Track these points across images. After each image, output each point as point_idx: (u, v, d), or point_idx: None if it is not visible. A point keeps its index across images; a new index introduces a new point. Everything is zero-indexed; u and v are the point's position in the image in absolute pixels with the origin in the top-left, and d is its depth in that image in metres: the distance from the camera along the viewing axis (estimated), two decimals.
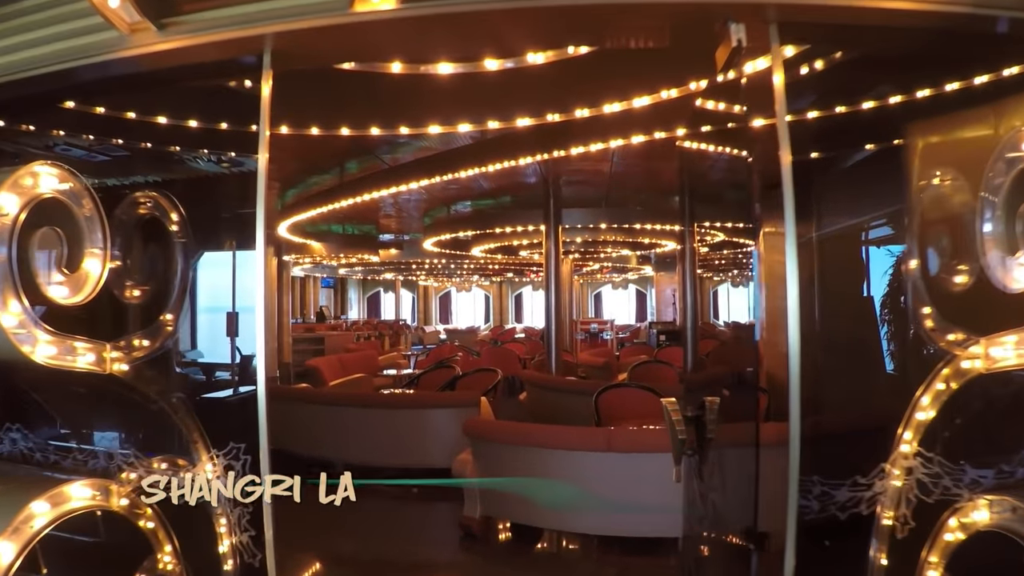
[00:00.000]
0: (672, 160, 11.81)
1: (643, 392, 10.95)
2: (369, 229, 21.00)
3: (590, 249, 21.20)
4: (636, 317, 45.43)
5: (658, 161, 12.08)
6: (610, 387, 11.02)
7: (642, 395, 10.90)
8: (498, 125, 6.91)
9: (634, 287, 46.89)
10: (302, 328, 30.29)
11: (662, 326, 28.40)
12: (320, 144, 10.29)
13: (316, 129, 7.58)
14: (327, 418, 11.33)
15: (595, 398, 10.64)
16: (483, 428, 7.90)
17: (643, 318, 43.50)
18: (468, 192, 14.95)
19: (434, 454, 10.45)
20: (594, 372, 17.59)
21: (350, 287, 48.09)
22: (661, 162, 12.08)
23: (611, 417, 10.49)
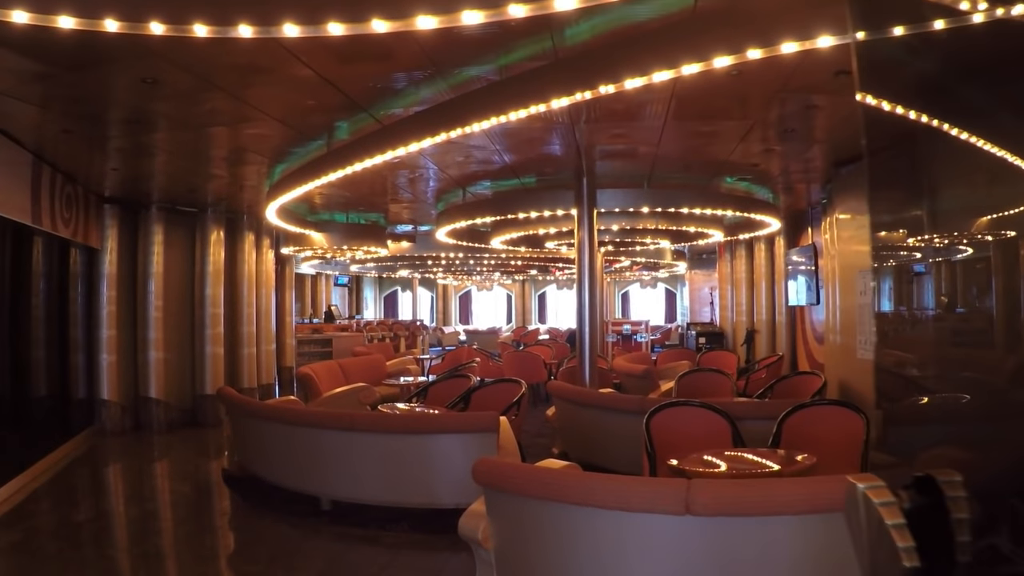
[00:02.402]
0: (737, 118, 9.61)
1: (705, 411, 8.71)
2: (377, 218, 18.83)
3: (626, 239, 18.74)
4: (665, 317, 43.51)
5: (720, 120, 9.88)
6: (665, 406, 8.69)
7: (705, 416, 8.69)
8: (525, 10, 4.52)
9: (663, 286, 44.97)
10: (308, 329, 28.30)
11: (701, 327, 26.21)
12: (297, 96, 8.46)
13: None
14: (309, 443, 9.27)
15: (647, 420, 8.38)
16: (500, 475, 5.50)
17: (672, 319, 41.75)
18: (485, 170, 12.69)
19: (439, 491, 8.54)
20: (632, 382, 15.33)
21: (366, 286, 46.88)
22: (724, 121, 9.92)
23: (667, 443, 8.28)
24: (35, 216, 11.22)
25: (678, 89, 8.08)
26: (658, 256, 26.27)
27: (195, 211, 16.25)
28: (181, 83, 7.90)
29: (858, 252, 12.07)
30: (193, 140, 10.68)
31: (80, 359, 15.18)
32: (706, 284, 29.71)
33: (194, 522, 9.63)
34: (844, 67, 7.37)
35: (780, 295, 20.93)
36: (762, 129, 10.24)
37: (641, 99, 8.63)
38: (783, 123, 10.00)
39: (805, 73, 7.63)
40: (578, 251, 12.44)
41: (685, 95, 8.40)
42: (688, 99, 8.62)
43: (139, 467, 12.97)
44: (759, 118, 9.70)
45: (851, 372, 12.28)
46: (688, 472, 7.20)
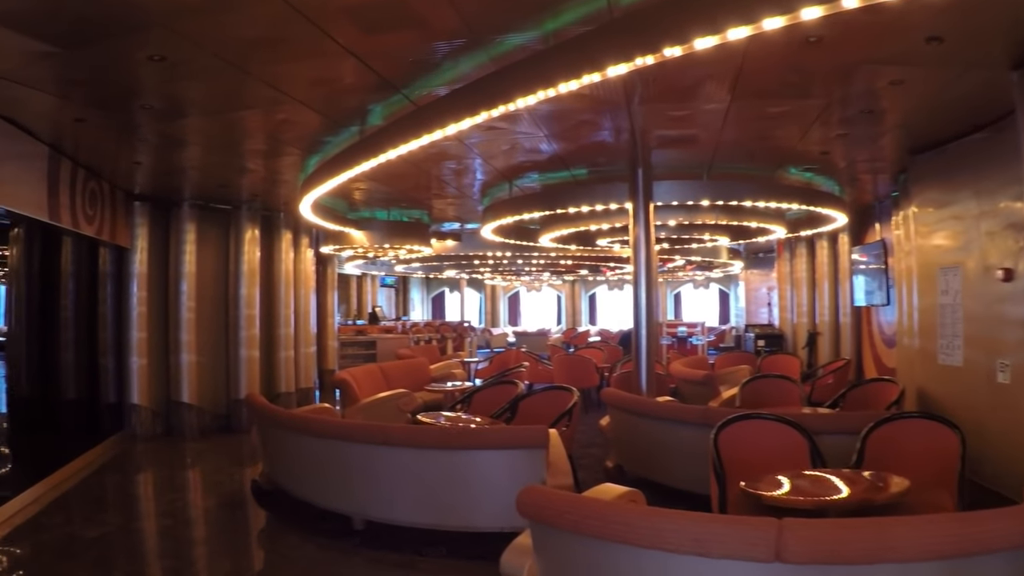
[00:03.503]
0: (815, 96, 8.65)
1: (780, 425, 7.85)
2: (420, 215, 18.07)
3: (683, 236, 17.76)
4: (719, 319, 42.58)
5: (791, 99, 8.90)
6: (735, 419, 7.79)
7: (779, 430, 7.84)
8: None
9: (716, 286, 44.00)
10: (351, 330, 27.62)
11: (760, 330, 25.23)
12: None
13: None
14: (340, 457, 8.48)
15: (715, 435, 7.49)
16: (550, 508, 4.62)
17: (725, 320, 40.87)
18: (533, 160, 11.83)
19: (482, 513, 7.71)
20: (691, 388, 14.43)
21: (412, 286, 46.46)
22: (796, 100, 8.92)
23: (737, 461, 7.39)
24: (52, 212, 10.55)
25: (748, 61, 7.17)
26: (713, 255, 25.23)
27: (229, 208, 15.61)
28: (191, 60, 7.13)
29: (939, 248, 11.06)
30: (219, 130, 9.96)
31: (110, 362, 14.71)
32: (763, 284, 28.81)
33: (218, 540, 8.89)
34: (937, 32, 6.46)
35: (844, 295, 20.00)
36: (837, 110, 9.25)
37: (705, 74, 7.74)
38: (860, 103, 9.00)
39: (893, 39, 6.71)
40: (633, 248, 11.52)
41: (755, 69, 7.48)
42: (757, 73, 7.69)
43: (167, 475, 12.29)
44: (835, 97, 8.72)
45: (931, 380, 11.27)
46: (763, 496, 6.35)
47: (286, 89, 8.09)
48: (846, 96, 8.71)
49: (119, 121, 9.45)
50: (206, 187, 14.01)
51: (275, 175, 12.81)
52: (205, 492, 11.25)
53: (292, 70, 7.57)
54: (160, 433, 14.54)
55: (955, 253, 10.57)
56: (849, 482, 6.72)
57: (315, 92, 8.29)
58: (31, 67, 7.26)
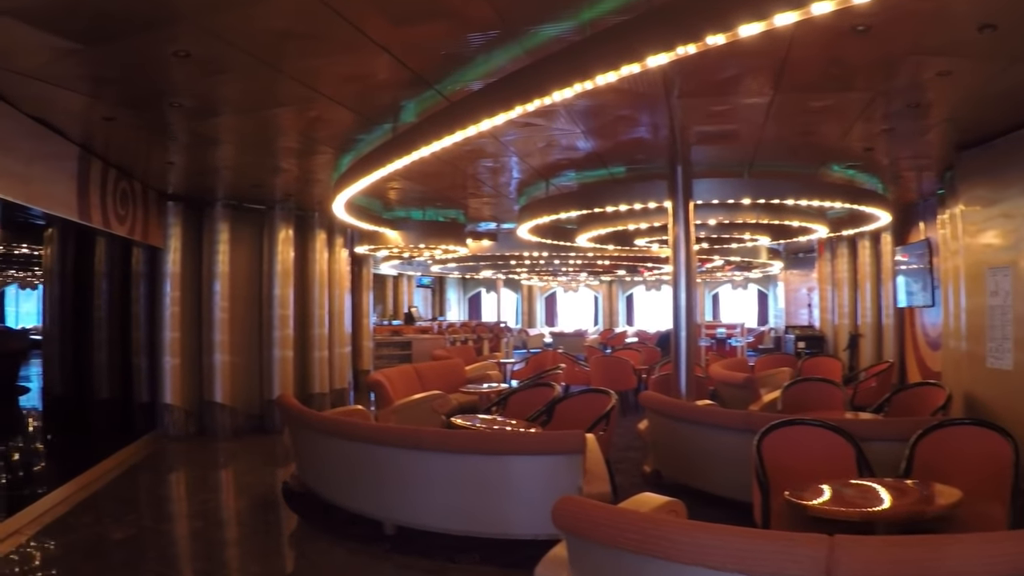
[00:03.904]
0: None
1: (825, 431, 7.58)
2: (456, 215, 17.88)
3: (722, 235, 17.44)
4: (757, 320, 42.15)
5: (837, 93, 8.60)
6: (778, 425, 7.53)
7: (824, 436, 7.57)
8: None
9: (754, 287, 43.58)
10: (387, 331, 27.47)
11: (800, 331, 24.86)
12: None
13: None
14: (371, 461, 8.30)
15: (758, 441, 7.24)
16: (587, 520, 4.39)
17: (764, 321, 40.46)
18: (570, 158, 11.60)
19: (516, 520, 7.49)
20: (730, 392, 14.14)
21: (449, 287, 46.38)
22: (842, 93, 8.62)
23: (781, 469, 7.15)
24: (82, 212, 10.47)
25: (793, 51, 6.90)
26: (753, 255, 24.91)
27: (262, 208, 15.47)
28: (218, 56, 6.98)
29: (988, 247, 10.71)
30: (252, 128, 9.80)
31: (143, 361, 14.75)
32: (803, 284, 28.43)
33: (248, 542, 8.71)
34: (991, 19, 6.18)
35: (887, 296, 19.66)
36: (882, 104, 8.94)
37: (747, 66, 7.49)
38: (906, 96, 8.68)
39: (943, 26, 6.43)
40: (673, 247, 11.25)
41: (799, 60, 7.20)
42: (802, 65, 7.41)
43: (199, 476, 12.18)
44: (880, 90, 8.41)
45: (980, 384, 10.92)
46: (808, 507, 6.10)
47: (318, 86, 7.92)
48: (892, 89, 8.40)
49: (149, 120, 9.32)
50: (239, 187, 13.89)
51: (308, 174, 12.64)
52: (236, 493, 11.11)
53: (323, 66, 7.38)
54: (193, 433, 14.45)
55: (1005, 252, 10.23)
56: (898, 493, 6.45)
57: (347, 89, 8.10)
58: (57, 65, 7.13)
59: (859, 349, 21.10)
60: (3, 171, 8.29)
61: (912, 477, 7.07)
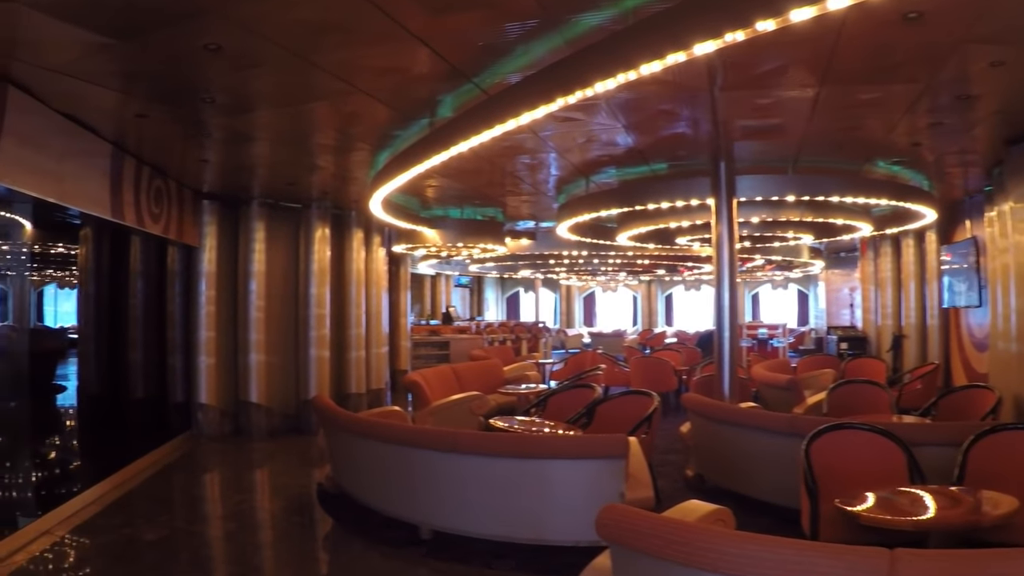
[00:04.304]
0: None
1: (874, 436, 7.35)
2: (494, 213, 17.69)
3: (765, 234, 17.11)
4: (798, 320, 41.74)
5: (886, 84, 8.31)
6: (827, 429, 7.29)
7: (873, 441, 7.33)
8: None
9: (794, 286, 43.14)
10: (425, 331, 27.35)
11: (843, 332, 24.48)
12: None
13: None
14: (406, 464, 8.09)
15: (807, 446, 7.00)
16: (633, 530, 4.16)
17: (804, 321, 40.04)
18: (610, 154, 11.37)
19: (555, 525, 7.27)
20: (773, 394, 13.84)
21: (487, 286, 46.26)
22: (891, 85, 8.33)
23: (829, 475, 6.92)
24: (115, 210, 10.36)
25: (842, 40, 6.64)
26: (794, 254, 24.46)
27: (299, 207, 15.36)
28: (250, 49, 6.82)
29: None
30: (286, 124, 9.64)
31: (178, 361, 14.64)
32: (845, 284, 28.04)
33: (281, 545, 8.55)
34: None
35: (932, 296, 19.31)
36: (931, 96, 8.62)
37: (795, 56, 7.23)
38: (956, 88, 8.38)
39: (999, 12, 6.17)
40: (716, 246, 11.01)
41: (848, 50, 6.94)
42: (851, 55, 7.14)
43: (233, 476, 12.11)
44: (930, 81, 8.10)
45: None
46: (860, 516, 5.87)
47: (353, 80, 7.73)
48: (942, 80, 8.07)
49: (182, 116, 9.19)
50: (275, 185, 13.77)
51: (345, 172, 12.50)
52: (270, 495, 10.98)
53: (358, 58, 7.18)
54: (228, 433, 14.37)
55: None
56: (952, 501, 6.22)
57: (383, 82, 7.90)
58: (87, 60, 7.01)
59: (903, 350, 20.74)
60: (34, 168, 8.18)
61: (965, 484, 6.82)
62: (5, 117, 7.46)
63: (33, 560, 7.60)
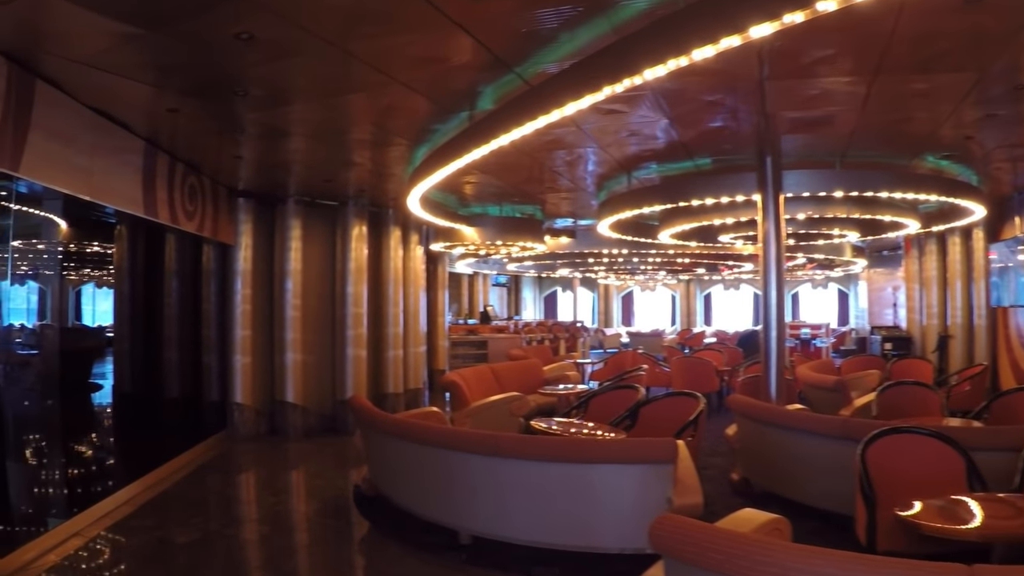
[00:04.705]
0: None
1: (931, 440, 7.08)
2: (533, 211, 17.46)
3: (811, 231, 16.65)
4: (838, 320, 41.19)
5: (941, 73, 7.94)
6: (884, 433, 6.99)
7: (930, 446, 7.06)
8: None
9: (835, 286, 42.58)
10: (462, 330, 27.15)
11: (887, 332, 24.05)
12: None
13: None
14: (446, 467, 7.86)
15: (862, 449, 6.71)
16: (689, 542, 3.89)
17: (844, 321, 39.49)
18: (653, 149, 11.09)
19: (600, 531, 6.99)
20: (819, 395, 13.52)
21: (524, 285, 46.03)
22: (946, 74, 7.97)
23: (886, 481, 6.65)
24: (148, 207, 10.20)
25: (901, 24, 6.33)
26: (836, 252, 23.99)
27: (335, 204, 15.19)
28: (283, 38, 6.61)
29: None
30: (322, 118, 9.41)
31: (213, 360, 14.54)
32: (888, 283, 27.61)
33: (316, 549, 8.36)
34: None
35: (979, 295, 18.88)
36: (987, 86, 8.27)
37: (850, 43, 6.94)
38: (1014, 77, 8.03)
39: None
40: (763, 243, 10.68)
41: (906, 34, 6.62)
42: (908, 40, 6.82)
43: (268, 477, 11.93)
44: (987, 70, 7.76)
45: None
46: (921, 526, 5.59)
47: (390, 70, 7.50)
48: (998, 69, 7.76)
49: (215, 111, 9.03)
50: (311, 182, 13.59)
51: (382, 168, 12.29)
52: (306, 496, 10.79)
53: (396, 47, 6.94)
54: (263, 433, 14.24)
55: None
56: (1015, 510, 5.91)
57: (421, 73, 7.65)
58: (116, 52, 6.86)
59: (948, 351, 20.31)
60: (63, 163, 8.03)
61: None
62: (33, 111, 7.31)
63: (65, 560, 7.50)
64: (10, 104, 6.94)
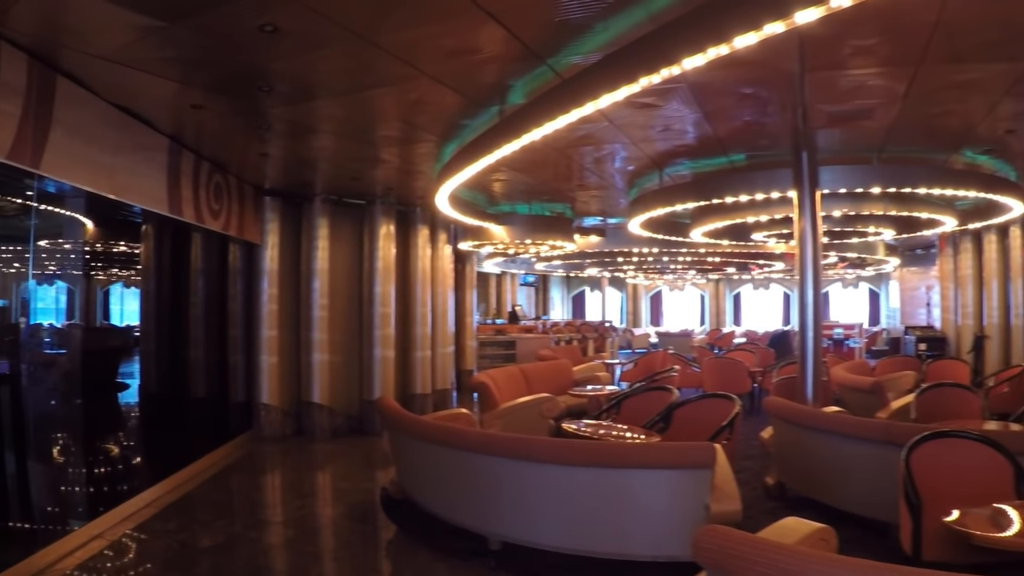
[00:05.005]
0: None
1: (977, 445, 6.83)
2: (563, 209, 17.23)
3: (846, 228, 16.27)
4: (868, 319, 40.70)
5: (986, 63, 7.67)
6: (929, 437, 6.74)
7: (976, 451, 6.79)
8: None
9: (865, 285, 42.10)
10: (491, 330, 26.93)
11: (921, 332, 23.69)
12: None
13: None
14: (475, 471, 7.63)
15: (907, 454, 6.46)
16: (735, 555, 3.64)
17: (875, 321, 39.01)
18: (687, 144, 10.86)
19: (634, 538, 6.76)
20: (855, 397, 13.22)
21: (552, 285, 45.85)
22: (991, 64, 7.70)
23: (931, 488, 6.41)
24: (172, 205, 10.08)
25: (949, 8, 6.06)
26: (869, 251, 23.54)
27: (363, 203, 15.02)
28: (307, 29, 6.43)
29: None
30: (348, 113, 9.22)
31: (239, 360, 14.40)
32: (921, 282, 27.22)
33: (341, 554, 8.16)
34: None
35: (1016, 294, 18.56)
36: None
37: (895, 29, 6.68)
38: None
39: None
40: (799, 241, 10.41)
41: (955, 19, 6.34)
42: (957, 26, 6.54)
43: (294, 479, 11.76)
44: None
45: None
46: (972, 536, 5.35)
47: (418, 63, 7.30)
48: None
49: (240, 108, 8.87)
50: (338, 180, 13.42)
51: (410, 166, 12.10)
52: (332, 499, 10.58)
53: (424, 39, 6.74)
54: (290, 434, 14.10)
55: None
56: None
57: (450, 65, 7.44)
58: (137, 46, 6.72)
59: (984, 352, 19.94)
60: (85, 161, 7.90)
61: None
62: (54, 108, 7.19)
63: (85, 563, 7.37)
64: (31, 101, 6.82)
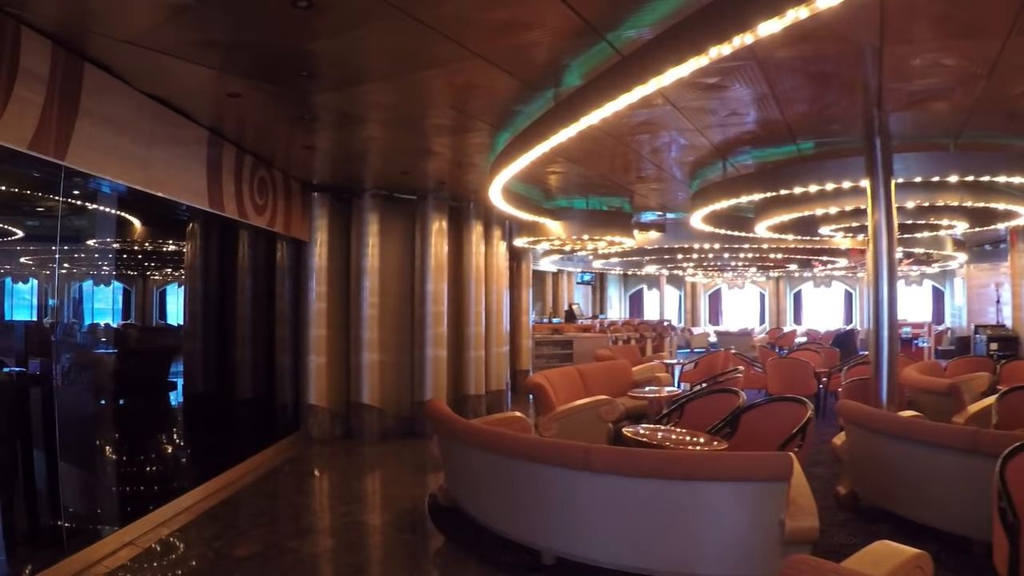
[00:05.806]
0: None
1: None
2: (621, 204, 16.67)
3: (918, 221, 15.45)
4: (932, 317, 39.64)
5: None
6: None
7: None
8: None
9: (929, 282, 41.07)
10: (547, 329, 26.43)
11: (992, 331, 22.86)
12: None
13: None
14: (528, 480, 7.17)
15: (1001, 465, 5.84)
16: None
17: (940, 319, 38.00)
18: (753, 131, 10.24)
19: (701, 557, 6.24)
20: (929, 400, 12.50)
21: (609, 284, 45.41)
22: None
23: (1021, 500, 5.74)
24: (213, 200, 9.72)
25: None
26: (936, 246, 22.65)
27: (414, 198, 14.63)
28: (342, 4, 5.94)
29: None
30: (396, 100, 8.70)
31: (287, 360, 14.02)
32: (990, 279, 26.32)
33: (385, 566, 7.72)
34: None
35: None
36: None
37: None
38: None
39: None
40: (873, 233, 9.79)
41: None
42: None
43: (339, 483, 11.33)
44: None
45: None
46: None
47: (466, 40, 6.77)
48: None
49: (280, 94, 8.41)
50: (388, 175, 13.03)
51: (462, 158, 11.62)
52: (378, 505, 10.07)
53: (472, 10, 6.18)
54: (338, 436, 13.79)
55: None
56: None
57: (501, 43, 6.89)
58: (166, 28, 6.32)
59: None
60: (117, 152, 7.54)
61: None
62: (81, 97, 6.85)
63: (114, 572, 7.08)
64: (54, 89, 6.48)
